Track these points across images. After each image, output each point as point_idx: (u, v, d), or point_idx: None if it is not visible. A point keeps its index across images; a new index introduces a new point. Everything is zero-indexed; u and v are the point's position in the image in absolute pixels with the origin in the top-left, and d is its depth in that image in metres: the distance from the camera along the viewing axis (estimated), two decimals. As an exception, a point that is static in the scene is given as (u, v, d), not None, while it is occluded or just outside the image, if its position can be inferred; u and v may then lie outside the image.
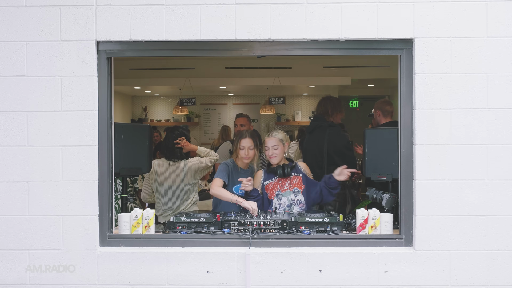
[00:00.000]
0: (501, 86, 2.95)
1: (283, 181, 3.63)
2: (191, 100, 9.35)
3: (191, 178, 4.25)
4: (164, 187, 4.22)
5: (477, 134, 2.95)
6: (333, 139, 4.33)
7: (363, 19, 2.96)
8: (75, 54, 2.97)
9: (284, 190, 3.63)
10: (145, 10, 2.96)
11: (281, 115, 10.15)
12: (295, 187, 3.62)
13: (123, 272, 2.99)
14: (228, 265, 2.98)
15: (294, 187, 3.62)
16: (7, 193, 2.99)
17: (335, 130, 4.41)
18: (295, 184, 3.63)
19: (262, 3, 2.96)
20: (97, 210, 3.01)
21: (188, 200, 4.27)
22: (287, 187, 3.62)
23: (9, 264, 3.01)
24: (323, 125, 4.41)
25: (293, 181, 3.63)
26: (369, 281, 2.97)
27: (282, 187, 3.63)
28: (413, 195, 3.00)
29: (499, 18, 2.94)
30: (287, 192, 3.62)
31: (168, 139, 4.27)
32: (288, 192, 3.61)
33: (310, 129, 4.54)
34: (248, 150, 3.64)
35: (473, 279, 2.97)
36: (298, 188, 3.63)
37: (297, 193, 3.62)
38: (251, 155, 3.66)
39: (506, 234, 2.96)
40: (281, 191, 3.63)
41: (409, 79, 3.00)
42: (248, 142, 3.64)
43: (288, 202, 3.59)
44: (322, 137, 4.35)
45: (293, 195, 3.60)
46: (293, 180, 3.64)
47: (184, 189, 4.23)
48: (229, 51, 3.11)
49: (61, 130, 2.98)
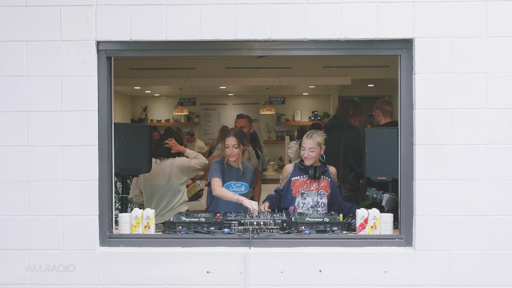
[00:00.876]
0: (501, 86, 2.95)
1: (311, 182, 3.64)
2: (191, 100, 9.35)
3: (177, 177, 4.28)
4: (151, 186, 4.24)
5: (477, 134, 2.95)
6: (350, 140, 4.33)
7: (363, 19, 2.96)
8: (75, 54, 2.97)
9: (310, 191, 3.63)
10: (145, 10, 2.97)
11: (281, 115, 10.15)
12: (322, 189, 3.64)
13: (123, 272, 2.99)
14: (228, 265, 2.98)
15: (321, 190, 3.63)
16: (7, 193, 2.99)
17: (353, 132, 4.44)
18: (322, 187, 3.64)
19: (262, 3, 2.97)
20: (97, 210, 3.01)
21: (176, 199, 4.29)
22: (314, 188, 3.63)
23: (9, 264, 3.01)
24: (342, 125, 4.42)
25: (320, 184, 3.64)
26: (369, 281, 2.97)
27: (309, 187, 3.64)
28: (413, 195, 3.00)
29: (499, 18, 2.94)
30: (313, 193, 3.62)
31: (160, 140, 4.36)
32: (314, 193, 3.62)
33: (328, 127, 4.53)
34: (232, 148, 3.70)
35: (473, 279, 2.97)
36: (324, 191, 3.64)
37: (323, 196, 3.63)
38: (235, 153, 3.71)
39: (506, 234, 2.96)
40: (307, 190, 3.63)
41: (409, 79, 3.00)
42: (232, 140, 3.71)
43: (313, 203, 3.61)
44: (339, 136, 4.33)
45: (319, 197, 3.61)
46: (321, 182, 3.65)
47: (170, 187, 4.25)
48: (229, 51, 3.11)
49: (61, 130, 2.98)
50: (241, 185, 3.79)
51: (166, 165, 4.25)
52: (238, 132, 3.81)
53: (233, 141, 3.71)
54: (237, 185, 3.76)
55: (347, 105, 4.58)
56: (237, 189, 3.76)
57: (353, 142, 4.32)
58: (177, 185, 4.29)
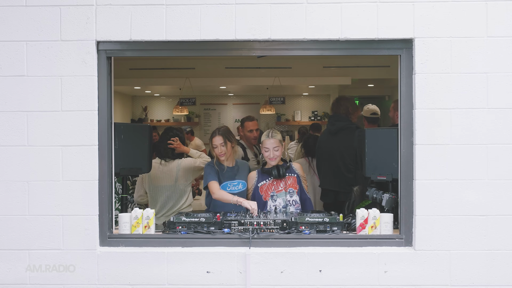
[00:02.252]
0: (501, 86, 2.95)
1: (277, 182, 3.62)
2: (191, 100, 9.36)
3: (184, 178, 4.26)
4: (157, 187, 4.22)
5: (477, 134, 2.95)
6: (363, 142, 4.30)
7: (363, 19, 2.96)
8: (75, 54, 2.97)
9: (279, 191, 3.61)
10: (145, 10, 2.97)
11: (281, 115, 10.16)
12: (290, 187, 3.60)
13: (123, 272, 2.99)
14: (228, 265, 2.98)
15: (289, 188, 3.60)
16: (7, 193, 2.99)
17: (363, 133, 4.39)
18: (290, 185, 3.61)
19: (262, 3, 2.97)
20: (97, 210, 3.01)
21: (182, 200, 4.27)
22: (282, 187, 3.61)
23: (9, 264, 3.01)
24: (351, 127, 4.34)
25: (287, 182, 3.61)
26: (369, 281, 2.97)
27: (277, 188, 3.62)
28: (413, 195, 3.00)
29: (499, 18, 2.94)
30: (282, 193, 3.60)
31: (162, 140, 4.30)
32: (283, 193, 3.60)
33: (335, 130, 4.40)
34: (220, 147, 3.68)
35: (473, 279, 2.97)
36: (293, 189, 3.61)
37: (292, 194, 3.61)
38: (224, 151, 3.69)
39: (506, 234, 2.96)
40: (276, 192, 3.61)
41: (409, 79, 3.00)
42: (219, 139, 3.69)
43: (284, 203, 3.57)
44: (350, 139, 4.24)
45: (288, 195, 3.59)
46: (288, 180, 3.62)
47: (177, 189, 4.24)
48: (229, 51, 3.11)
49: (61, 130, 2.98)
50: (237, 183, 3.75)
51: (173, 167, 4.23)
52: (223, 130, 3.77)
53: (220, 140, 3.68)
54: (234, 184, 3.73)
55: (344, 103, 4.49)
56: (233, 187, 3.73)
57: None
58: (183, 187, 4.28)
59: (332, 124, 4.46)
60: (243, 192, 3.73)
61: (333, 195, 4.34)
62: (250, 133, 4.78)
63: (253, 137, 4.75)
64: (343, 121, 4.42)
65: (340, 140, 4.31)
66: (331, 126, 4.47)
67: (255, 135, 4.76)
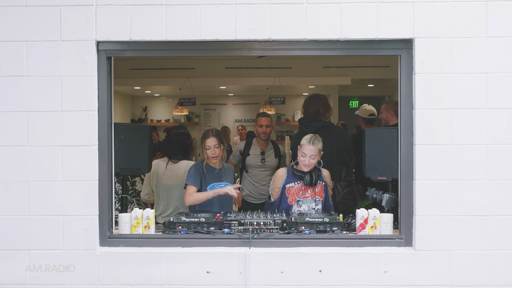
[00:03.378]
0: (501, 86, 2.95)
1: (306, 188, 3.55)
2: (191, 100, 9.36)
3: None
4: (164, 186, 4.22)
5: (477, 134, 2.95)
6: (341, 137, 4.31)
7: (363, 19, 2.96)
8: (75, 54, 2.97)
9: (305, 197, 3.55)
10: (145, 10, 2.97)
11: (281, 115, 10.16)
12: (317, 195, 3.55)
13: (123, 272, 2.99)
14: (228, 265, 2.98)
15: (316, 196, 3.55)
16: (7, 193, 2.99)
17: (340, 129, 4.43)
18: (317, 193, 3.56)
19: (262, 3, 2.97)
20: (97, 210, 3.01)
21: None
22: (309, 194, 3.55)
23: (9, 264, 3.01)
24: (328, 125, 4.35)
25: (315, 189, 3.56)
26: (369, 281, 2.97)
27: (304, 194, 3.55)
28: (413, 195, 3.00)
29: (499, 18, 2.94)
30: (308, 200, 3.55)
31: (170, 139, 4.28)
32: (309, 200, 3.54)
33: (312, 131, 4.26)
34: (213, 148, 3.66)
35: (473, 279, 2.97)
36: (319, 197, 3.56)
37: (318, 202, 3.55)
38: (217, 153, 3.67)
39: (506, 234, 2.96)
40: (302, 197, 3.55)
41: (409, 79, 3.00)
42: (213, 141, 3.66)
43: (308, 209, 3.52)
44: (330, 136, 4.24)
45: (314, 203, 3.54)
46: (316, 188, 3.56)
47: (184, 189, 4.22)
48: (229, 51, 3.11)
49: (61, 130, 2.98)
50: (224, 185, 3.70)
51: (181, 167, 4.21)
52: (217, 131, 3.76)
53: (214, 142, 3.65)
54: (220, 186, 3.69)
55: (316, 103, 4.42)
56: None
57: (344, 139, 4.32)
58: None
59: (307, 126, 4.33)
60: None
61: None
62: (260, 128, 4.79)
63: (261, 132, 4.77)
64: (316, 121, 4.36)
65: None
66: (306, 128, 4.32)
67: (264, 130, 4.76)
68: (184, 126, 4.53)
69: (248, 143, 4.88)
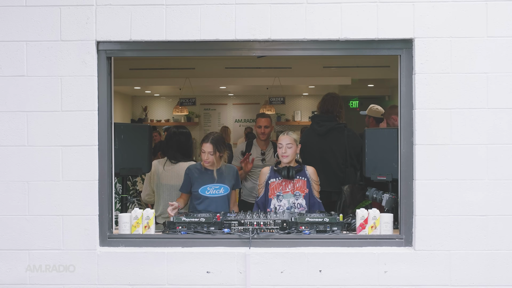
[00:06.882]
0: (501, 86, 2.95)
1: (286, 183, 3.62)
2: (191, 100, 9.36)
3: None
4: (165, 186, 4.22)
5: (477, 134, 2.95)
6: (352, 140, 4.26)
7: (363, 19, 2.96)
8: (75, 54, 2.97)
9: (286, 192, 3.61)
10: (145, 10, 2.97)
11: (281, 115, 10.16)
12: (297, 190, 3.61)
13: (123, 272, 2.99)
14: (228, 265, 2.98)
15: (296, 190, 3.60)
16: (7, 193, 2.99)
17: (352, 132, 4.35)
18: (298, 188, 3.61)
19: (262, 3, 2.97)
20: (97, 210, 3.01)
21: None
22: (289, 189, 3.61)
23: (9, 264, 3.01)
24: (340, 126, 4.30)
25: (296, 184, 3.61)
26: (369, 281, 2.97)
27: (285, 189, 3.62)
28: (413, 195, 3.00)
29: (499, 18, 2.94)
30: (288, 195, 3.60)
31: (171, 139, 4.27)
32: (289, 195, 3.60)
33: (324, 131, 4.30)
34: (208, 154, 3.64)
35: (473, 279, 2.97)
36: (300, 192, 3.61)
37: (298, 197, 3.60)
38: (210, 160, 3.65)
39: (506, 234, 2.96)
40: (282, 192, 3.61)
41: (409, 79, 3.00)
42: (209, 147, 3.64)
43: (288, 204, 3.58)
44: (341, 139, 4.23)
45: (294, 198, 3.59)
46: (297, 183, 3.61)
47: None
48: (229, 51, 3.11)
49: (61, 130, 2.98)
50: (219, 187, 3.71)
51: (181, 168, 4.21)
52: (216, 138, 3.72)
53: (209, 148, 3.64)
54: (215, 187, 3.70)
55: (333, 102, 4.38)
56: (214, 191, 3.69)
57: (355, 142, 4.25)
58: None
59: (320, 125, 4.34)
60: (223, 197, 3.71)
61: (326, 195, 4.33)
62: (259, 128, 4.81)
63: (261, 133, 4.78)
64: (330, 121, 4.33)
65: (332, 141, 4.27)
66: (318, 127, 4.34)
67: (263, 131, 4.77)
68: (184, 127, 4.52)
69: (249, 144, 4.90)
